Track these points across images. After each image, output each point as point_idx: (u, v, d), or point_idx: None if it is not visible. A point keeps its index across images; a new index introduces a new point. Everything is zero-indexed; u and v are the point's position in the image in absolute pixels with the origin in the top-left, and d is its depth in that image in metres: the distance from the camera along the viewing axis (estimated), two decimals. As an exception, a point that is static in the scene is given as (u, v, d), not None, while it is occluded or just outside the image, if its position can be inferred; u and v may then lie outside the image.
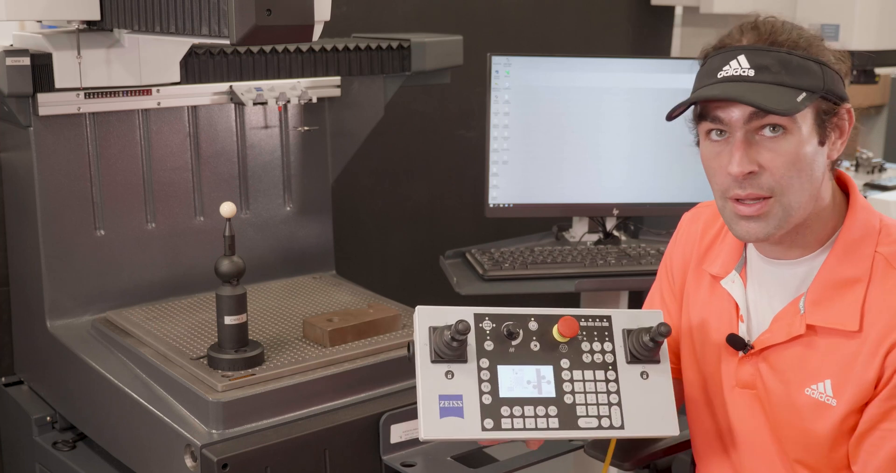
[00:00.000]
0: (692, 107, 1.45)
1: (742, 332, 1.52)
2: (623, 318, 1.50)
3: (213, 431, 1.71)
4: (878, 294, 1.40)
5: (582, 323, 1.47)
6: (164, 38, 1.77)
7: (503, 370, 1.42)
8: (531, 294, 2.49)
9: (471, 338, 1.42)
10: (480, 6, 3.21)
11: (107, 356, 1.97)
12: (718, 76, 1.40)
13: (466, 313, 1.44)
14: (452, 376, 1.40)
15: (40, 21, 1.96)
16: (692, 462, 1.73)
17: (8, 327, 2.32)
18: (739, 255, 1.56)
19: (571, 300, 2.78)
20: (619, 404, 1.44)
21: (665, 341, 1.48)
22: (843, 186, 1.51)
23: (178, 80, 2.08)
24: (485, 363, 1.42)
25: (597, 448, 1.76)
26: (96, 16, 1.85)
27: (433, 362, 1.40)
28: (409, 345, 1.43)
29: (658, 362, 1.48)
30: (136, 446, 1.90)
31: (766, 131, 1.37)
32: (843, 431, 1.42)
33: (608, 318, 1.49)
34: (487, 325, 1.44)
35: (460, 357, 1.41)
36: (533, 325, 1.46)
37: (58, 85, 1.94)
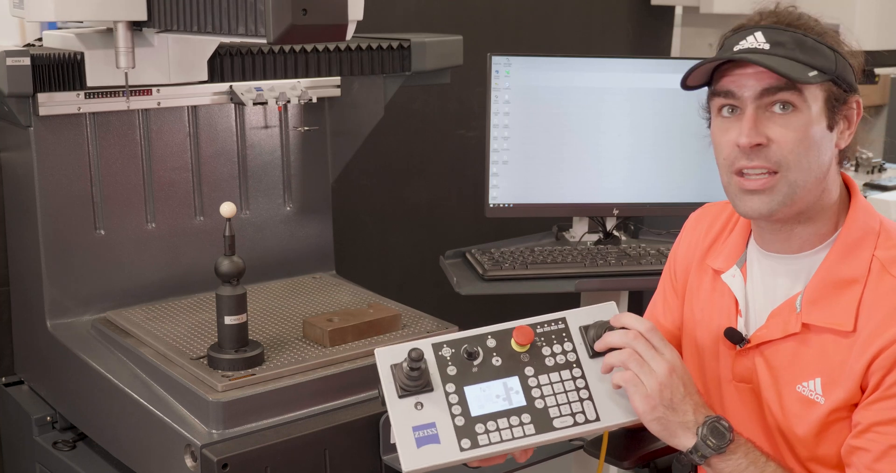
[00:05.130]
0: (706, 92, 1.50)
1: (740, 326, 1.54)
2: (578, 316, 1.52)
3: (213, 431, 1.71)
4: (871, 297, 1.41)
5: (538, 329, 1.49)
6: (194, 37, 1.79)
7: (470, 391, 1.43)
8: (531, 294, 2.49)
9: (433, 367, 1.44)
10: (480, 6, 3.21)
11: (107, 356, 1.97)
12: (734, 49, 1.43)
13: (423, 344, 1.45)
14: (422, 406, 1.41)
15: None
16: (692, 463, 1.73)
17: (8, 327, 2.32)
18: (742, 250, 1.58)
19: (571, 300, 2.78)
20: (590, 398, 1.46)
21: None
22: (846, 187, 1.52)
23: (205, 78, 2.09)
24: (451, 387, 1.43)
25: (596, 446, 1.76)
26: (143, 16, 1.85)
27: (400, 397, 1.42)
28: (379, 389, 1.45)
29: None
30: (136, 446, 1.90)
31: (777, 108, 1.41)
32: (828, 428, 1.44)
33: (563, 319, 1.51)
34: (446, 351, 1.46)
35: (425, 387, 1.42)
36: (491, 342, 1.47)
37: (89, 84, 1.96)
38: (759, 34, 1.42)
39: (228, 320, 1.81)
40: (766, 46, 1.41)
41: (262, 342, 1.89)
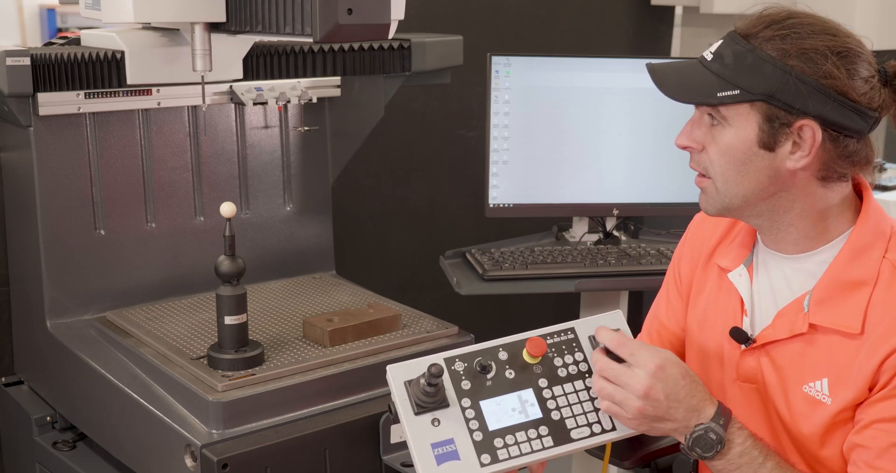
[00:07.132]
0: None
1: (746, 326, 1.53)
2: (586, 326, 1.52)
3: (213, 431, 1.71)
4: (881, 299, 1.41)
5: (549, 341, 1.49)
6: (231, 36, 1.81)
7: (486, 405, 1.43)
8: (531, 294, 2.50)
9: (447, 382, 1.44)
10: (480, 6, 3.21)
11: (107, 356, 1.97)
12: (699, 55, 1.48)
13: (436, 359, 1.45)
14: (439, 423, 1.41)
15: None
16: (694, 460, 1.73)
17: (8, 327, 2.32)
18: (749, 249, 1.58)
19: (571, 300, 2.78)
20: None
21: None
22: (858, 189, 1.52)
23: (240, 77, 2.10)
24: (466, 402, 1.43)
25: (599, 446, 1.76)
26: (222, 18, 1.85)
27: (417, 414, 1.41)
28: (390, 406, 1.44)
29: None
30: (136, 446, 1.90)
31: (706, 118, 1.45)
32: (834, 429, 1.44)
33: (572, 329, 1.51)
34: (459, 366, 1.45)
35: (441, 403, 1.41)
36: (503, 355, 1.47)
37: (130, 81, 1.96)
38: (719, 42, 1.44)
39: (228, 320, 1.81)
40: (710, 57, 1.44)
41: (262, 342, 1.89)
